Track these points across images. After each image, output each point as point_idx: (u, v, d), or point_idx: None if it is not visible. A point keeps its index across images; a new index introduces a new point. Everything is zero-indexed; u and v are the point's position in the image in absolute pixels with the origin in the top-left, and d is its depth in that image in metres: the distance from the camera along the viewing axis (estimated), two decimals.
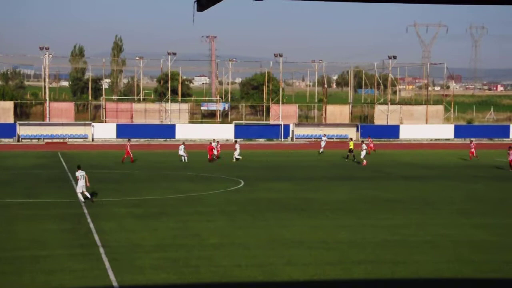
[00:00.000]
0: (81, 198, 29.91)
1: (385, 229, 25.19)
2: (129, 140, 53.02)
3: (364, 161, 48.11)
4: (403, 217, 27.74)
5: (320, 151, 56.95)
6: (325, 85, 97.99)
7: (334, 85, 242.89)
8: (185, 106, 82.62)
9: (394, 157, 55.53)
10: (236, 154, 50.56)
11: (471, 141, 53.78)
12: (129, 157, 48.61)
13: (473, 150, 51.47)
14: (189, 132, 73.51)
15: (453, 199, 33.10)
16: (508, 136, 75.84)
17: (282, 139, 74.99)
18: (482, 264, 19.94)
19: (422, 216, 28.03)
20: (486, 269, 19.43)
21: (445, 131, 77.38)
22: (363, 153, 49.26)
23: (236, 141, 56.27)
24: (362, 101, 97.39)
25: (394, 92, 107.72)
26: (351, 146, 52.21)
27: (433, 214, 28.69)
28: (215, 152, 50.68)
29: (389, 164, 49.45)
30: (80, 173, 29.98)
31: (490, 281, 18.50)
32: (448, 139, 75.57)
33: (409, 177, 41.88)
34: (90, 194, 30.20)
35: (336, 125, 77.86)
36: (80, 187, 29.92)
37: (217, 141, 52.96)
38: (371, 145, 56.07)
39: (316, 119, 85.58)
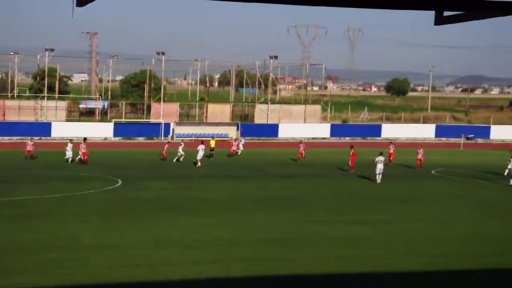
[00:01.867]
0: None
1: (262, 227, 25.65)
2: (32, 138, 52.41)
3: (199, 163, 46.85)
4: (279, 215, 28.34)
5: (239, 153, 56.37)
6: (207, 84, 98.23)
7: (216, 84, 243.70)
8: (62, 104, 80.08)
9: (273, 156, 56.53)
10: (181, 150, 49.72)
11: (301, 142, 54.04)
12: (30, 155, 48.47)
13: (302, 151, 51.39)
14: (65, 130, 71.28)
15: (326, 196, 34.20)
16: (380, 135, 79.14)
17: (163, 138, 74.41)
18: (352, 260, 20.76)
19: (297, 214, 28.77)
20: (354, 264, 20.25)
21: (321, 130, 79.63)
22: (201, 154, 47.46)
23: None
24: (243, 100, 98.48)
25: (275, 92, 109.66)
26: (213, 145, 53.15)
27: (307, 211, 29.51)
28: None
29: (268, 163, 50.27)
30: None
31: (359, 275, 19.28)
32: (325, 138, 77.85)
33: (286, 176, 42.82)
34: None
35: (217, 124, 78.21)
36: None
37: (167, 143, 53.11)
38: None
39: (197, 118, 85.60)
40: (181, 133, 75.06)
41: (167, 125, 75.37)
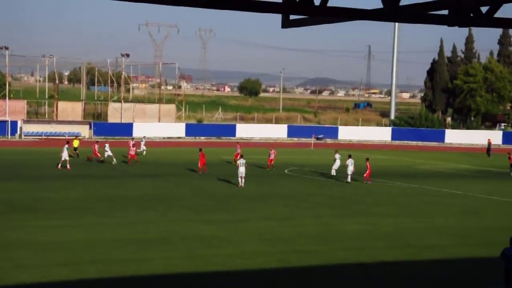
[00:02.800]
0: None
1: (118, 227, 25.13)
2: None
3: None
4: (137, 215, 27.93)
5: (144, 153, 54.38)
6: (57, 81, 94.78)
7: (66, 81, 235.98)
8: None
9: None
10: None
11: (133, 139, 52.84)
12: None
13: (132, 152, 48.92)
14: None
15: (184, 196, 34.15)
16: (234, 135, 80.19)
17: (9, 136, 70.86)
18: (211, 258, 20.84)
19: (155, 213, 28.49)
20: (213, 263, 20.35)
21: (177, 130, 79.44)
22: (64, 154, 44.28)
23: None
24: (96, 98, 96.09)
25: (128, 90, 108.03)
26: (76, 145, 51.29)
27: (165, 210, 29.30)
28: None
29: (125, 162, 49.33)
30: None
31: (218, 273, 19.39)
32: (180, 137, 77.70)
33: (144, 175, 42.30)
34: None
35: (69, 122, 75.68)
36: None
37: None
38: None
39: (47, 116, 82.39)
40: (29, 132, 71.93)
41: (14, 123, 71.90)
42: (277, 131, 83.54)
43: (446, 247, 23.65)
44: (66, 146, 44.97)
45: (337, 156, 43.89)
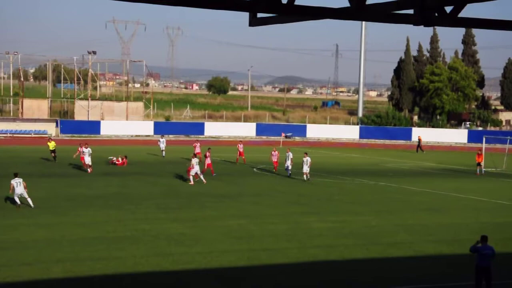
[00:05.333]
0: None
1: (85, 226, 24.91)
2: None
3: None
4: (103, 213, 27.71)
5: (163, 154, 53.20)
6: (22, 78, 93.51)
7: (31, 79, 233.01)
8: None
9: (95, 153, 54.97)
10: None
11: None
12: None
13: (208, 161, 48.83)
14: None
15: (151, 194, 33.95)
16: (203, 133, 79.99)
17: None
18: (180, 256, 20.77)
19: (122, 212, 28.30)
20: (182, 261, 20.28)
21: (145, 128, 78.92)
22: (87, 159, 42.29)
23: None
24: (62, 95, 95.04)
25: (95, 88, 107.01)
26: (52, 147, 48.02)
27: (132, 209, 29.11)
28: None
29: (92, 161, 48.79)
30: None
31: (187, 271, 19.33)
32: (148, 135, 77.26)
33: (110, 173, 41.96)
34: None
35: (35, 120, 74.75)
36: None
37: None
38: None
39: (12, 114, 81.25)
40: None
41: None
42: (246, 129, 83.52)
43: (413, 244, 23.92)
44: (85, 148, 42.39)
45: (289, 154, 43.03)
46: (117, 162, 46.84)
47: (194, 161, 38.47)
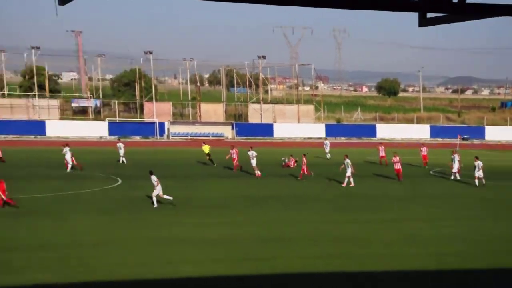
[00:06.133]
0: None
1: (256, 225, 25.50)
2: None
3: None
4: (276, 214, 28.23)
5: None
6: (198, 84, 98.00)
7: (206, 83, 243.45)
8: (55, 103, 79.89)
9: (269, 155, 56.29)
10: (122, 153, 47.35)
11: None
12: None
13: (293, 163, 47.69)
14: (60, 129, 70.97)
15: (323, 195, 34.06)
16: (375, 136, 79.18)
17: (158, 137, 74.20)
18: (363, 258, 20.64)
19: (292, 213, 28.57)
20: (368, 263, 20.14)
21: (316, 130, 79.59)
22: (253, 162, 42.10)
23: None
24: (235, 99, 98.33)
25: (266, 91, 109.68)
26: (207, 151, 47.69)
27: (308, 210, 29.41)
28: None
29: (266, 163, 49.99)
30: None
31: (372, 272, 19.19)
32: (320, 138, 77.75)
33: (287, 176, 42.68)
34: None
35: (212, 123, 78.07)
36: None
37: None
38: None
39: (191, 117, 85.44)
40: (176, 132, 74.92)
41: (161, 124, 75.18)
42: (419, 132, 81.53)
43: None
44: (251, 151, 42.34)
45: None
46: (290, 165, 47.35)
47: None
